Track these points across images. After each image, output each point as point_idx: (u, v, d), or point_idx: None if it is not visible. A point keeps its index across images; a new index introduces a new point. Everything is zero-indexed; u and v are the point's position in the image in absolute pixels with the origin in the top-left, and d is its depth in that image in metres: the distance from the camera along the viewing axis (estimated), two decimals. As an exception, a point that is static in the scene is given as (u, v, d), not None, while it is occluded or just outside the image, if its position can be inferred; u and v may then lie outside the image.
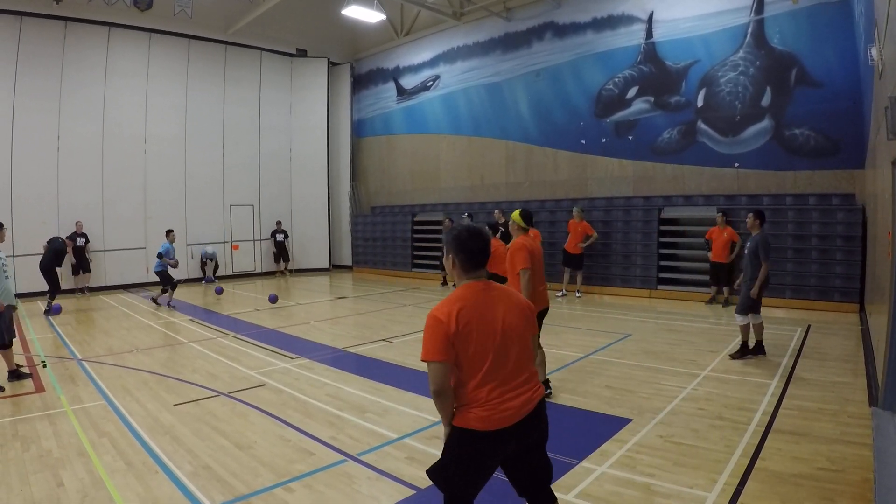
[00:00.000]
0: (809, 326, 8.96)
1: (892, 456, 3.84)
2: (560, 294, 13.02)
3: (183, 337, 9.56)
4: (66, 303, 12.99)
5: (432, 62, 18.61)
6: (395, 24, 19.54)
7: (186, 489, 3.97)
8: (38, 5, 14.63)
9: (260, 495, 3.88)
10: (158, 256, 12.88)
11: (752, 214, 7.27)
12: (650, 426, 4.98)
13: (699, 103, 12.51)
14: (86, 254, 15.36)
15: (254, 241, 19.55)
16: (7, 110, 14.40)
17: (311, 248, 20.70)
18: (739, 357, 7.11)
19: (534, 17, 15.63)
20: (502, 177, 16.67)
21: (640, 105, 13.51)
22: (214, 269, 18.09)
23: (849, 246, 10.13)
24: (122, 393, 6.31)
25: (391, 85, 20.23)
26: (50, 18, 14.91)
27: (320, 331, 9.95)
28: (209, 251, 17.78)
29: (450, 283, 15.85)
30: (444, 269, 15.90)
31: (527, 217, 5.67)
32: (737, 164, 12.05)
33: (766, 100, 11.56)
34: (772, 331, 8.76)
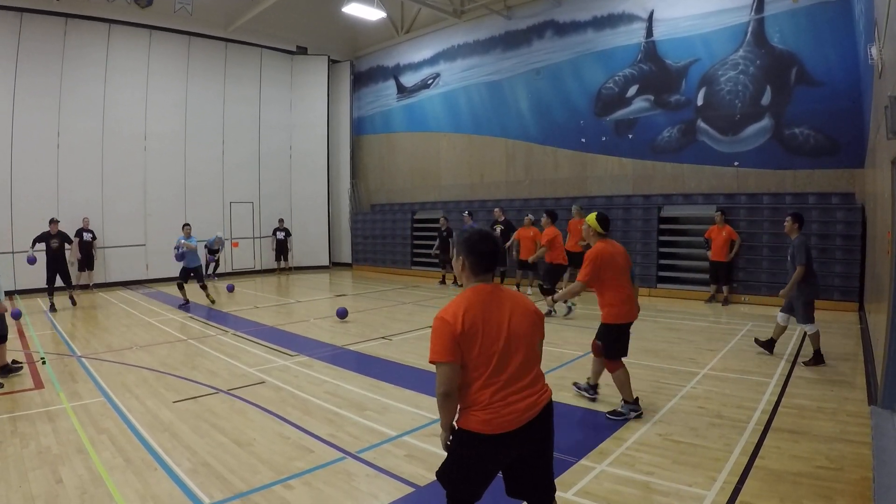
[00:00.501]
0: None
1: (891, 454, 3.85)
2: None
3: (182, 334, 9.55)
4: (67, 299, 12.95)
5: (432, 60, 18.60)
6: (396, 21, 19.53)
7: (185, 486, 3.97)
8: (39, 2, 14.61)
9: (259, 492, 3.88)
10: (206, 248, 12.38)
11: (790, 218, 7.07)
12: (649, 424, 4.98)
13: (699, 102, 12.51)
14: (92, 250, 15.32)
15: (253, 238, 19.54)
16: (7, 107, 14.39)
17: (311, 245, 20.69)
18: (814, 364, 6.72)
19: (534, 16, 15.62)
20: (502, 175, 16.67)
21: (640, 104, 13.51)
22: (215, 266, 17.61)
23: (848, 245, 10.14)
24: (122, 390, 6.30)
25: (391, 83, 20.22)
26: (50, 15, 14.90)
27: (320, 328, 9.94)
28: (220, 235, 16.81)
29: (448, 282, 15.85)
30: (443, 268, 15.93)
31: (604, 221, 5.21)
32: (736, 163, 12.06)
33: (765, 99, 11.56)
34: (771, 330, 8.77)
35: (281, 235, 19.07)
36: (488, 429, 2.46)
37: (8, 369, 6.88)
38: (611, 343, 5.17)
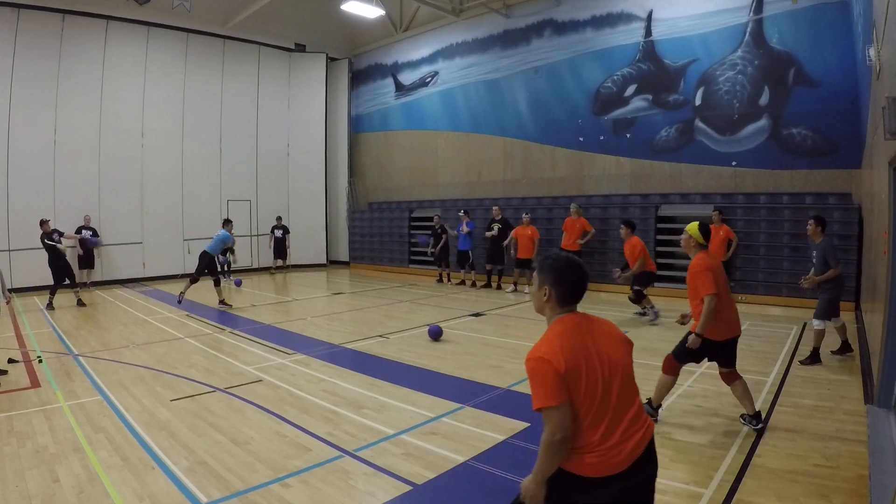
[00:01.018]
0: (805, 324, 8.97)
1: (887, 453, 3.86)
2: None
3: (179, 332, 9.54)
4: (65, 298, 12.92)
5: (431, 58, 18.57)
6: (395, 19, 19.51)
7: (182, 485, 3.97)
8: (36, -3, 14.54)
9: (256, 491, 3.88)
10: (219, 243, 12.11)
11: (813, 221, 7.02)
12: (646, 423, 4.98)
13: (697, 102, 12.52)
14: (94, 248, 15.27)
15: (251, 236, 19.49)
16: (4, 103, 14.31)
17: (309, 243, 20.63)
18: (809, 363, 6.76)
19: (533, 14, 15.61)
20: (500, 173, 16.67)
21: (638, 103, 13.52)
22: (228, 266, 16.83)
23: (845, 245, 10.13)
24: (119, 388, 6.29)
25: (389, 81, 20.19)
26: (48, 11, 14.81)
27: (317, 326, 9.94)
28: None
29: (444, 281, 15.81)
30: (439, 266, 15.88)
31: (706, 231, 4.87)
32: (734, 163, 12.07)
33: (763, 99, 11.58)
34: (768, 328, 8.81)
35: (279, 234, 18.85)
36: (595, 472, 2.23)
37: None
38: (688, 350, 4.83)
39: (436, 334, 8.55)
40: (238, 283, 15.93)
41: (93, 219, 15.53)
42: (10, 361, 7.17)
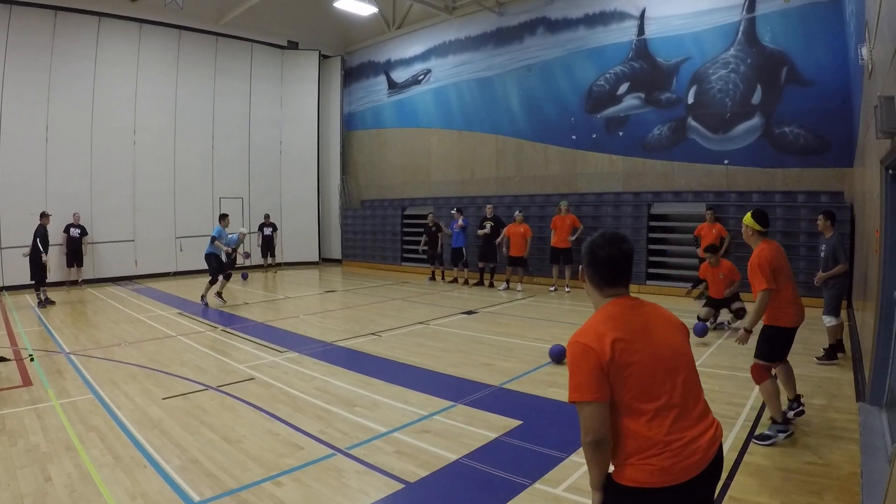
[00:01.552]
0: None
1: (879, 450, 3.89)
2: (552, 289, 13.14)
3: (171, 330, 9.49)
4: (56, 295, 12.85)
5: (424, 56, 18.54)
6: (387, 17, 19.46)
7: (175, 483, 3.95)
8: (27, -7, 14.40)
9: (249, 489, 3.87)
10: (211, 240, 11.98)
11: (823, 216, 6.99)
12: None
13: (690, 100, 12.56)
14: (81, 246, 15.12)
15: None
16: (-5, 100, 14.19)
17: (301, 241, 20.59)
18: (827, 360, 6.73)
19: (526, 13, 15.61)
20: (492, 171, 16.67)
21: (630, 101, 13.54)
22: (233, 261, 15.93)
23: (836, 243, 10.20)
24: (110, 387, 6.26)
25: (382, 78, 20.14)
26: (40, 7, 14.66)
27: (309, 324, 9.92)
28: (243, 230, 14.30)
29: (438, 278, 15.81)
30: (431, 264, 15.89)
31: (762, 219, 4.66)
32: (726, 161, 12.12)
33: (756, 97, 11.62)
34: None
35: (268, 231, 18.58)
36: (666, 479, 1.89)
37: None
38: (770, 345, 4.64)
39: (701, 332, 8.35)
40: (245, 277, 16.67)
41: (84, 216, 15.37)
42: (2, 360, 7.12)
